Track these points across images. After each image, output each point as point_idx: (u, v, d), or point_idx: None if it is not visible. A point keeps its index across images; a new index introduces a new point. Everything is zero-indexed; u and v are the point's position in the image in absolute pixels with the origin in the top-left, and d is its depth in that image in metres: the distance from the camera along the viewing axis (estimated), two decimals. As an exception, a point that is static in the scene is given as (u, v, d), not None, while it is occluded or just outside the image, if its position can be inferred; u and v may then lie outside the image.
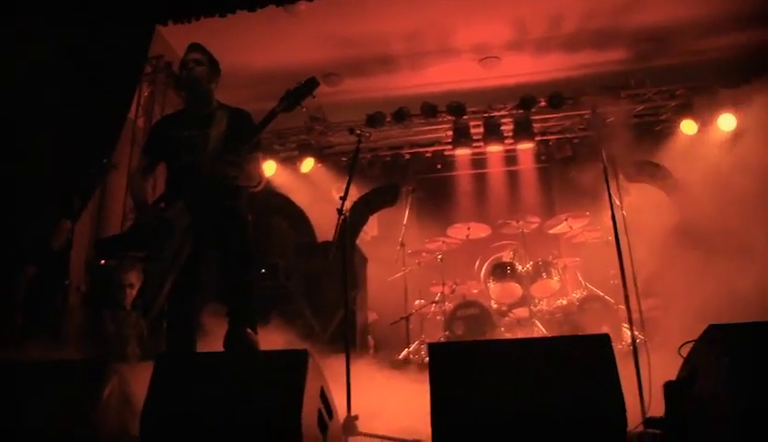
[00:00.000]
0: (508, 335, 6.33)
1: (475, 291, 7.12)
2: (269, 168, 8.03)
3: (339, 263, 6.16)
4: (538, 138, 8.08)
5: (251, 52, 7.07)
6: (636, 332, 3.65)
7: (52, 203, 5.12)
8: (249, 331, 3.25)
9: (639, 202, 6.19)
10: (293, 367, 2.46)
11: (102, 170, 5.40)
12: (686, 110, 7.52)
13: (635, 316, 3.78)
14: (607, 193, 3.88)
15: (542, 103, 7.81)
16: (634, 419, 2.59)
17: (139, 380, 2.72)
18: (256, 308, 3.37)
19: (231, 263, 3.36)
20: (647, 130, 7.68)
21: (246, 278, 3.40)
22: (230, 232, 3.37)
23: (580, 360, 2.42)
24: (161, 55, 7.29)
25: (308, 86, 3.39)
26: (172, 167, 3.48)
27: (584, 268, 6.85)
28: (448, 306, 6.63)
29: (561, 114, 7.96)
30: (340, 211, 3.64)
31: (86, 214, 5.78)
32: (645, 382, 3.08)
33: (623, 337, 5.77)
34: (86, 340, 5.24)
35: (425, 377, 2.51)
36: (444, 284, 6.73)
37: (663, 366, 2.96)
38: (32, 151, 5.09)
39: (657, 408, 2.73)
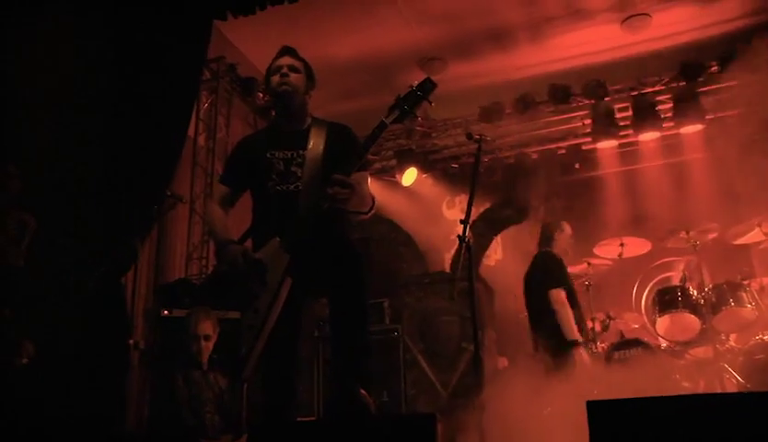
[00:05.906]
0: (686, 385, 6.14)
1: (636, 326, 7.03)
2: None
3: (458, 299, 6.29)
4: (710, 117, 7.85)
5: (331, 42, 7.34)
6: None
7: (107, 252, 5.41)
8: (362, 391, 3.31)
9: None
10: (419, 437, 2.53)
11: (165, 205, 5.64)
12: None
13: None
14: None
15: (713, 68, 7.63)
16: None
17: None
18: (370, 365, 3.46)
19: (343, 311, 3.44)
20: None
21: (363, 328, 3.47)
22: (343, 272, 3.46)
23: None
24: (221, 57, 7.61)
25: (423, 89, 3.44)
26: (262, 196, 3.62)
27: (792, 289, 6.55)
28: (601, 346, 6.53)
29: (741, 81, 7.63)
30: (461, 238, 3.66)
31: (142, 253, 6.07)
32: None
33: None
34: (153, 407, 5.57)
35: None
36: (593, 319, 6.64)
37: None
38: (76, 185, 5.47)
39: None
